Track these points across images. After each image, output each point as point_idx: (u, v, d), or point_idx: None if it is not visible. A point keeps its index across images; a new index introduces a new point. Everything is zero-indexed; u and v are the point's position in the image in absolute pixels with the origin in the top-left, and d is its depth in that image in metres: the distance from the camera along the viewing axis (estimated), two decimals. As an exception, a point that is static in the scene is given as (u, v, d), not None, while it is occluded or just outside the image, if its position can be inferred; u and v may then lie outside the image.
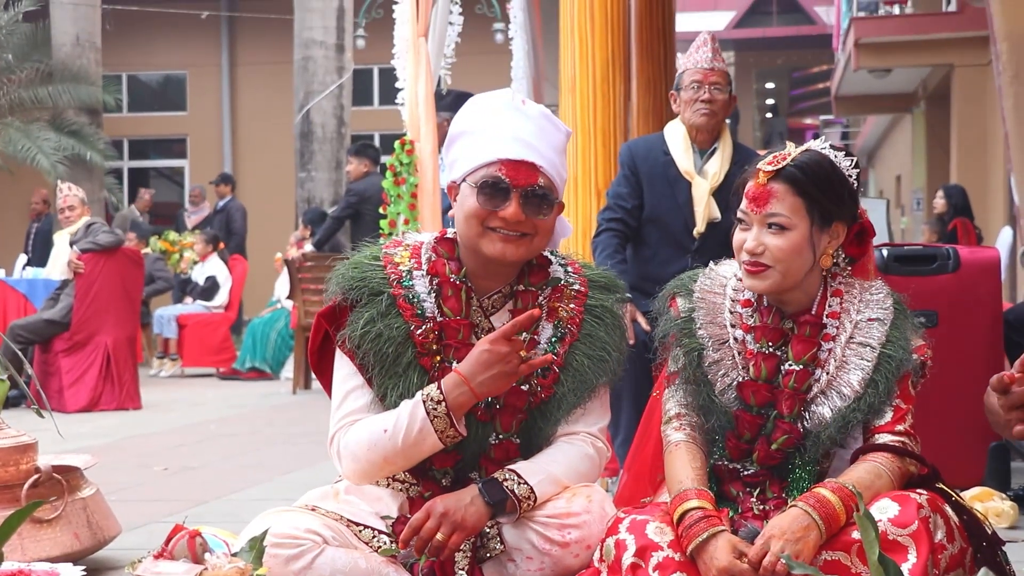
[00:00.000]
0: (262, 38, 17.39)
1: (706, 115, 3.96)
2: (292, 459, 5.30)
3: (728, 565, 2.04)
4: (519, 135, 2.30)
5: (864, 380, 2.23)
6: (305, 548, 2.18)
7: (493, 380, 2.22)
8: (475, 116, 2.38)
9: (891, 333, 2.27)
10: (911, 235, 16.54)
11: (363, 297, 2.33)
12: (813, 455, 2.24)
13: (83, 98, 12.98)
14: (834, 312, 2.29)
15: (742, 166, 4.12)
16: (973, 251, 3.97)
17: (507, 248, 2.29)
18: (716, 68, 3.99)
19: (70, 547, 2.98)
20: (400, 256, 2.39)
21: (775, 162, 2.22)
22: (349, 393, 2.34)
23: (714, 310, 2.36)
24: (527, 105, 2.37)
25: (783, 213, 2.21)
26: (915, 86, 16.40)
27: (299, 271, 8.80)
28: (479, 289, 2.37)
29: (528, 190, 2.29)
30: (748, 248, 2.23)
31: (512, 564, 2.25)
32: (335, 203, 10.89)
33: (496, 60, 10.32)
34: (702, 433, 2.32)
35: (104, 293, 7.71)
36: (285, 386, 9.38)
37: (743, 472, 2.27)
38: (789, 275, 2.24)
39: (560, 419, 2.35)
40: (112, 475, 4.66)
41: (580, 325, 2.38)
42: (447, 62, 7.60)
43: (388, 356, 2.29)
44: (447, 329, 2.32)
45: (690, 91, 3.98)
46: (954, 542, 2.06)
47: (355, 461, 2.30)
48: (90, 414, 7.42)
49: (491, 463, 2.32)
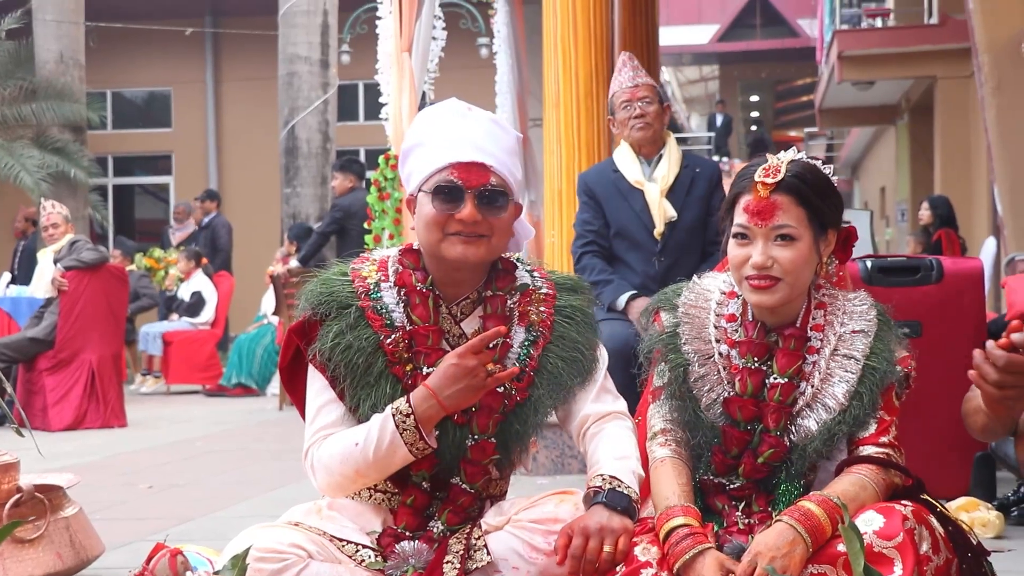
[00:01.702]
0: (246, 54, 17.39)
1: (642, 128, 4.27)
2: (279, 475, 5.28)
3: None
4: (468, 139, 2.34)
5: (849, 392, 2.23)
6: (289, 563, 2.17)
7: (460, 393, 2.24)
8: (424, 128, 2.42)
9: (875, 345, 2.26)
10: (896, 246, 16.60)
11: (332, 311, 2.35)
12: (799, 468, 2.23)
13: (67, 115, 12.95)
14: (818, 325, 2.29)
15: (692, 168, 4.33)
16: (956, 262, 3.98)
17: (467, 250, 2.32)
18: (640, 84, 4.30)
19: (53, 567, 2.96)
20: (367, 270, 2.42)
21: (771, 174, 2.20)
22: (322, 408, 2.36)
23: (699, 325, 2.35)
24: (473, 111, 2.41)
25: (791, 224, 2.20)
26: (898, 98, 16.49)
27: (285, 287, 8.78)
28: (447, 296, 2.39)
29: (481, 190, 2.32)
30: (757, 263, 2.20)
31: (499, 575, 2.25)
32: (320, 219, 10.88)
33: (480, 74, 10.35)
34: (687, 449, 2.31)
35: (88, 311, 7.68)
36: (271, 402, 9.35)
37: (729, 486, 2.26)
38: (796, 287, 2.24)
39: (537, 422, 2.36)
40: (97, 493, 4.64)
41: (552, 327, 2.40)
42: (431, 77, 7.61)
43: (359, 367, 2.31)
44: (417, 336, 2.34)
45: (622, 111, 4.31)
46: (939, 553, 2.05)
47: (329, 475, 2.32)
48: (75, 432, 7.38)
49: (469, 464, 2.33)
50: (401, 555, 2.26)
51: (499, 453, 2.34)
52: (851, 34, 14.61)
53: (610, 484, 2.24)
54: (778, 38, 28.23)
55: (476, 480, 2.33)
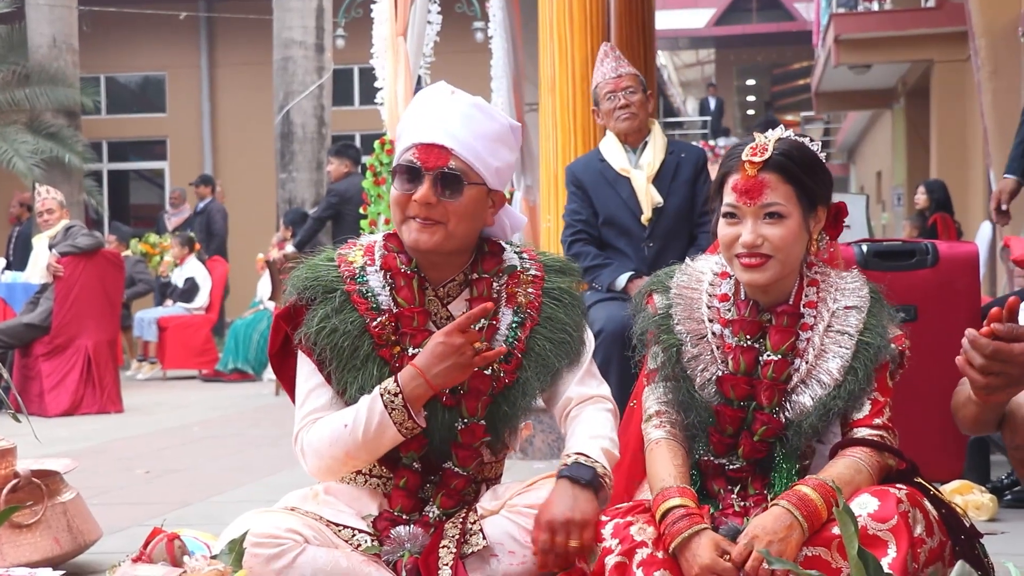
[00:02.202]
0: (241, 38, 17.33)
1: (628, 118, 4.33)
2: (276, 461, 5.29)
3: (711, 563, 2.04)
4: (438, 122, 2.34)
5: (843, 368, 2.24)
6: (286, 547, 2.18)
7: (448, 372, 2.25)
8: (410, 109, 2.44)
9: (868, 321, 2.28)
10: (892, 231, 16.60)
11: (317, 295, 2.37)
12: (795, 444, 2.24)
13: (61, 100, 12.90)
14: (811, 302, 2.30)
15: (677, 155, 4.38)
16: (952, 246, 3.98)
17: (421, 236, 2.32)
18: (623, 74, 4.35)
19: (50, 552, 2.96)
20: (353, 255, 2.43)
21: (758, 152, 2.22)
22: (311, 392, 2.37)
23: (691, 305, 2.36)
24: (456, 94, 2.41)
25: (779, 202, 2.21)
26: (895, 82, 16.46)
27: (280, 272, 8.77)
28: (433, 279, 2.40)
29: (438, 172, 2.31)
30: (747, 242, 2.22)
31: (495, 559, 2.26)
32: (316, 204, 10.86)
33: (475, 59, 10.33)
34: (682, 430, 2.32)
35: (84, 296, 7.68)
36: (268, 387, 9.36)
37: (729, 467, 2.27)
38: (787, 264, 2.25)
39: (526, 404, 2.37)
40: (94, 479, 4.64)
41: (539, 309, 2.40)
42: (426, 61, 7.59)
43: (344, 350, 2.32)
44: (402, 318, 2.35)
45: (607, 102, 4.35)
46: (933, 536, 2.07)
47: (319, 458, 2.33)
48: (71, 418, 7.38)
49: (459, 448, 2.33)
50: (397, 540, 2.27)
51: (489, 436, 2.35)
52: (848, 17, 14.57)
53: (575, 459, 2.25)
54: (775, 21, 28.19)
55: (468, 463, 2.34)
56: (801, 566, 2.03)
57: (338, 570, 2.20)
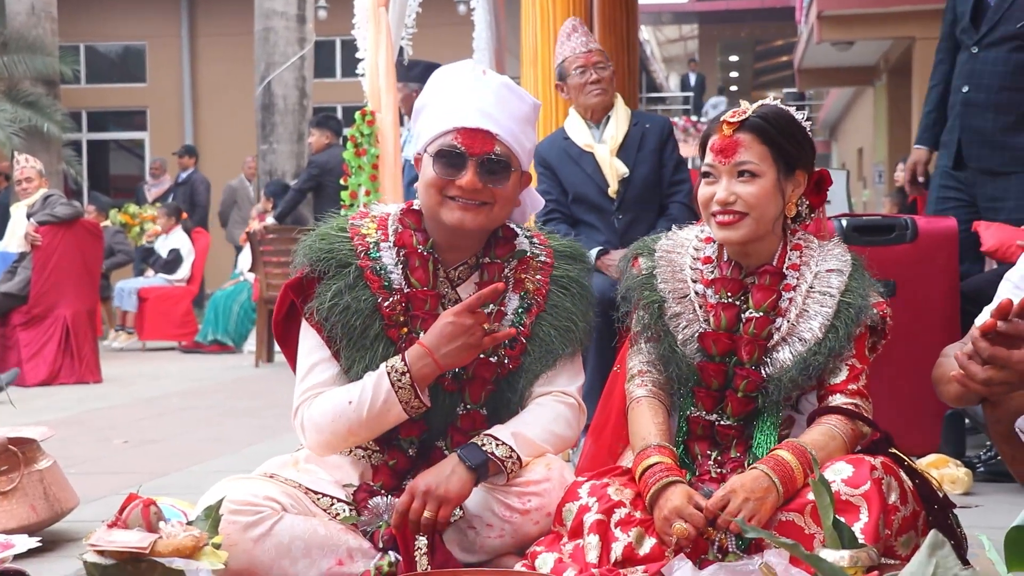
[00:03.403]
0: (222, 8, 17.20)
1: (599, 94, 4.28)
2: (254, 432, 5.28)
3: (680, 506, 2.08)
4: (477, 104, 2.31)
5: (824, 326, 2.28)
6: (264, 515, 2.18)
7: (457, 352, 2.24)
8: (436, 88, 2.39)
9: (850, 283, 2.32)
10: (873, 207, 16.64)
11: (330, 269, 2.33)
12: (776, 399, 2.27)
13: (39, 69, 12.77)
14: (794, 264, 2.34)
15: (642, 125, 4.36)
16: (931, 221, 4.00)
17: (465, 216, 2.30)
18: (593, 49, 4.32)
19: (26, 519, 2.95)
20: (367, 228, 2.40)
21: (736, 115, 2.27)
22: (314, 366, 2.35)
23: (675, 266, 2.40)
24: (488, 75, 2.38)
25: (752, 160, 2.25)
26: (877, 59, 16.47)
27: (261, 244, 8.74)
28: (445, 260, 2.39)
29: (484, 158, 2.29)
30: (720, 199, 2.26)
31: (472, 531, 2.27)
32: (297, 175, 10.81)
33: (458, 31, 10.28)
34: (665, 389, 2.35)
35: (63, 266, 7.63)
36: (248, 359, 9.34)
37: (719, 423, 2.30)
38: (762, 222, 2.28)
39: (527, 389, 2.36)
40: (72, 448, 4.63)
41: (546, 296, 2.40)
42: (408, 32, 7.54)
43: (356, 328, 2.30)
44: (414, 300, 2.32)
45: (576, 77, 4.29)
46: (907, 504, 2.09)
47: (319, 433, 2.31)
48: (49, 388, 7.35)
49: (458, 433, 2.33)
50: (374, 510, 2.28)
51: (488, 423, 2.34)
52: (831, -6, 14.55)
53: (480, 440, 2.26)
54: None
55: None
56: (775, 531, 2.05)
57: (316, 538, 2.21)
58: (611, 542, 2.13)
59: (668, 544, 2.09)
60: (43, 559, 2.82)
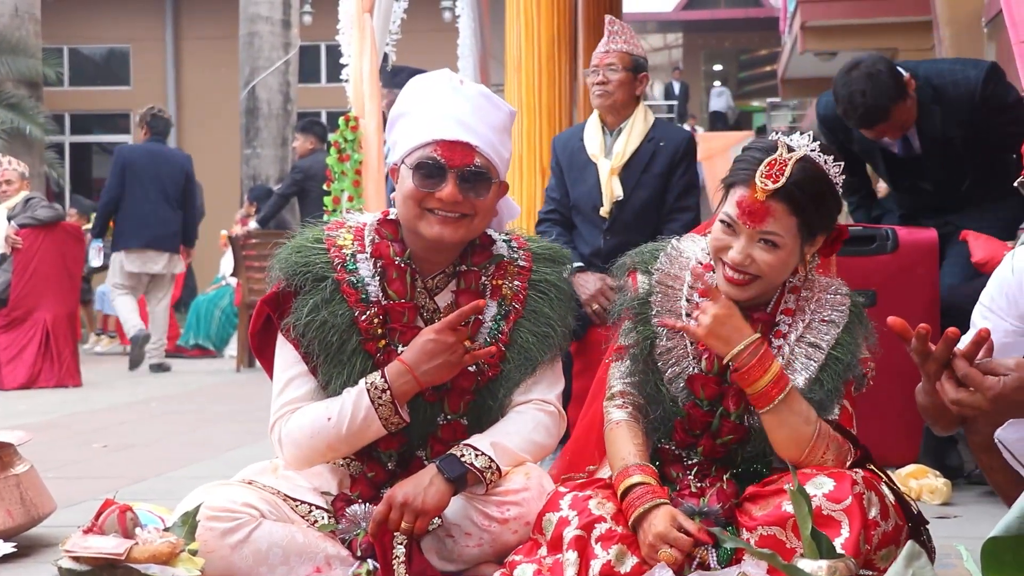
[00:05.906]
0: (207, 12, 17.16)
1: (601, 96, 4.09)
2: (235, 437, 5.26)
3: (664, 531, 2.07)
4: (455, 115, 2.29)
5: (809, 380, 2.23)
6: (241, 522, 2.17)
7: (437, 369, 2.23)
8: (413, 98, 2.37)
9: (843, 337, 2.26)
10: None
11: (307, 283, 2.31)
12: (757, 449, 2.24)
13: (22, 71, 12.71)
14: (788, 309, 2.29)
15: (656, 142, 4.12)
16: (911, 232, 4.00)
17: (445, 230, 2.29)
18: (610, 50, 4.12)
19: (2, 524, 2.93)
20: (343, 239, 2.37)
21: (774, 177, 2.14)
22: (291, 380, 2.33)
23: (671, 297, 2.34)
24: (465, 85, 2.36)
25: (779, 232, 2.16)
26: (860, 70, 16.52)
27: (244, 248, 8.72)
28: (422, 270, 2.37)
29: (464, 170, 2.28)
30: (735, 261, 2.18)
31: (451, 540, 2.26)
32: (281, 180, 10.80)
33: (443, 37, 10.28)
34: (644, 414, 2.32)
35: (43, 269, 7.60)
36: (229, 364, 9.31)
37: (687, 460, 2.28)
38: (772, 284, 2.24)
39: (507, 396, 2.35)
40: (50, 452, 4.60)
41: (524, 302, 2.38)
42: (392, 38, 7.55)
43: (333, 344, 2.29)
44: (392, 313, 2.31)
45: (590, 76, 4.14)
46: (888, 519, 2.08)
47: (298, 448, 2.30)
48: (28, 391, 7.31)
49: (439, 443, 2.32)
50: (352, 518, 2.27)
51: (469, 432, 2.33)
52: (814, 4, 14.59)
53: (459, 451, 2.25)
54: (742, 7, 28.22)
55: None
56: (756, 545, 2.05)
57: (294, 546, 2.20)
58: (590, 559, 2.09)
59: (652, 564, 2.07)
60: (18, 565, 2.80)
